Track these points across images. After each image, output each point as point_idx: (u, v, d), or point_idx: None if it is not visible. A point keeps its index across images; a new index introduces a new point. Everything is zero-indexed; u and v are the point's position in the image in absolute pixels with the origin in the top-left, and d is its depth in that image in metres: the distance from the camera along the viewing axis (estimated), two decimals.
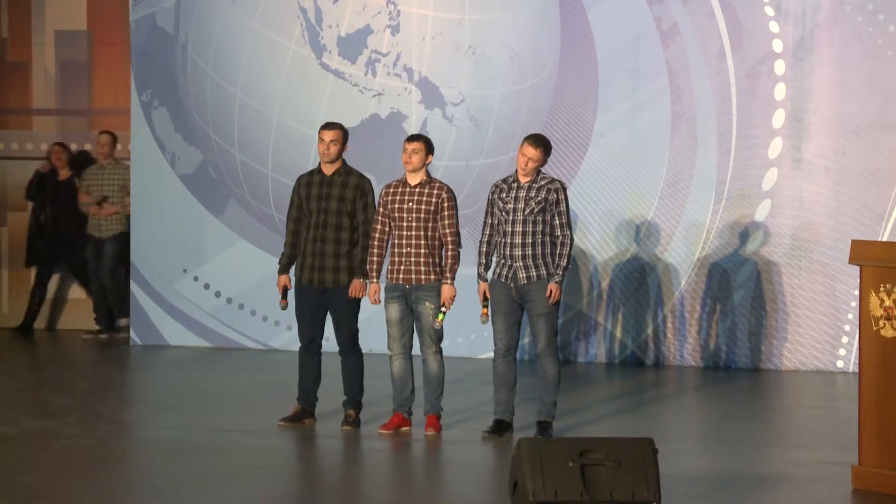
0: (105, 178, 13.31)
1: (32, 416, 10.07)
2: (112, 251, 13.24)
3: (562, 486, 7.02)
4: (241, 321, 13.15)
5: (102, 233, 13.27)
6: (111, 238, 13.26)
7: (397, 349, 9.44)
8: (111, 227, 13.30)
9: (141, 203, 13.31)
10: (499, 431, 9.31)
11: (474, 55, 12.64)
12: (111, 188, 13.27)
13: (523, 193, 9.25)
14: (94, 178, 13.31)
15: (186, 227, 13.24)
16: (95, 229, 13.30)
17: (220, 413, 10.36)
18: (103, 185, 13.27)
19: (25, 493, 7.79)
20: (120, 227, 13.31)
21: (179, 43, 13.18)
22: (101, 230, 13.28)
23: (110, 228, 13.29)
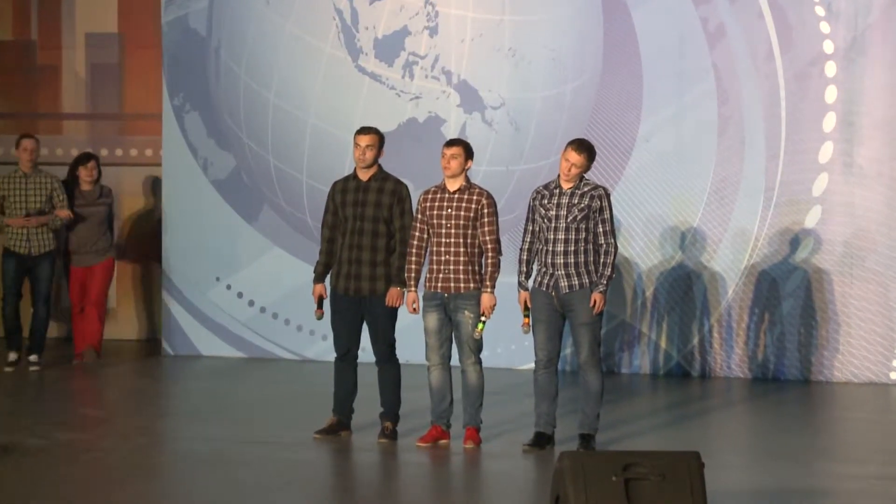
0: (30, 189, 11.81)
1: (64, 429, 10.13)
2: (47, 272, 11.89)
3: (605, 501, 7.03)
4: (275, 331, 13.20)
5: (32, 249, 11.81)
6: (43, 255, 11.87)
7: (436, 359, 9.45)
8: (42, 242, 11.84)
9: (172, 209, 13.36)
10: (540, 444, 9.32)
11: (514, 57, 12.66)
12: (37, 199, 11.80)
13: (566, 200, 9.26)
14: (15, 188, 11.80)
15: (219, 234, 13.29)
16: (21, 245, 11.81)
17: (254, 425, 10.40)
18: (28, 196, 11.79)
19: None
20: (51, 244, 11.92)
21: (212, 46, 13.23)
22: (31, 246, 11.81)
23: (42, 244, 11.84)
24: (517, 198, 11.71)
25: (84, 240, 11.90)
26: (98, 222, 11.94)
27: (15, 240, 11.71)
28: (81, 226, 11.74)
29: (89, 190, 11.72)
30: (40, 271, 11.76)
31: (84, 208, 11.78)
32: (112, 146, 13.99)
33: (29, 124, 13.97)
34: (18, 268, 11.74)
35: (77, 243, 11.86)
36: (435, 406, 9.51)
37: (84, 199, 11.71)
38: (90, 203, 11.79)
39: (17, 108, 14.26)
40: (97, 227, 11.92)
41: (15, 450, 9.24)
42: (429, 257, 9.48)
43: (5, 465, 8.85)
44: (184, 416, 10.86)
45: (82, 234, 11.80)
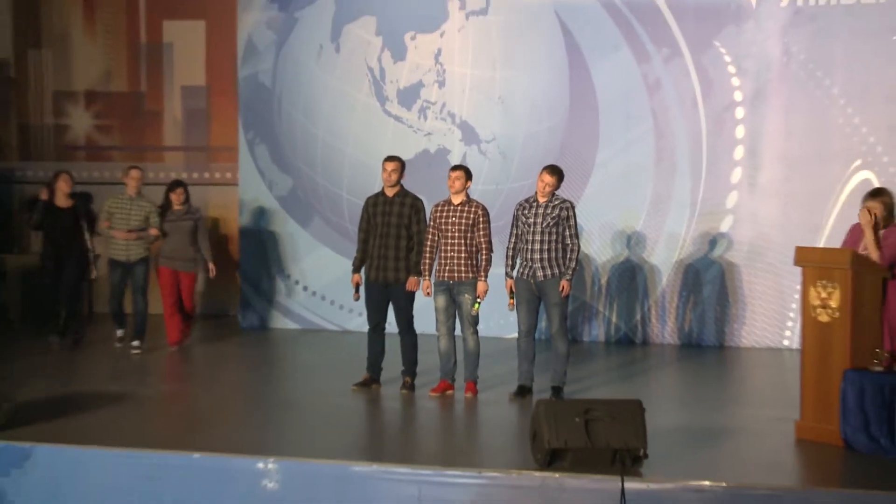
0: (133, 210, 11.33)
1: (163, 381, 10.17)
2: (143, 274, 11.36)
3: (570, 436, 7.05)
4: (323, 309, 13.21)
5: (130, 257, 11.32)
6: (138, 261, 11.36)
7: (443, 330, 9.46)
8: (138, 252, 11.36)
9: (246, 218, 13.38)
10: (522, 394, 9.34)
11: (503, 103, 12.66)
12: (138, 219, 11.33)
13: (541, 211, 9.27)
14: (120, 208, 11.35)
15: (281, 236, 13.31)
16: (121, 254, 11.35)
17: (307, 380, 10.41)
18: (130, 216, 11.32)
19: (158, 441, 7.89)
20: (145, 253, 11.42)
21: (276, 95, 13.25)
22: (130, 254, 11.32)
23: (137, 253, 11.36)
24: (505, 209, 11.73)
25: (174, 248, 11.36)
26: (185, 234, 11.35)
27: (117, 249, 11.32)
28: (172, 237, 11.37)
29: (179, 210, 11.39)
30: (137, 273, 11.32)
31: (173, 223, 11.34)
32: (201, 171, 14.02)
33: (138, 155, 14.04)
34: (122, 277, 11.32)
35: (168, 249, 11.38)
36: (443, 365, 9.53)
37: (174, 216, 11.38)
38: (178, 219, 11.37)
39: (130, 142, 14.28)
40: (184, 237, 11.34)
41: (130, 396, 9.29)
42: (438, 254, 9.50)
43: (124, 407, 8.90)
44: (254, 373, 10.86)
45: (173, 243, 11.38)
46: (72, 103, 14.42)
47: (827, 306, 7.83)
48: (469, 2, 12.70)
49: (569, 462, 7.03)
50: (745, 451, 7.81)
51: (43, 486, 7.47)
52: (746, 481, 6.89)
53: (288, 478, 7.17)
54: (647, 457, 7.08)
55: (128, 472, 7.37)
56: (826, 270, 7.85)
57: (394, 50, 12.83)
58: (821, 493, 6.76)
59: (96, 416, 8.55)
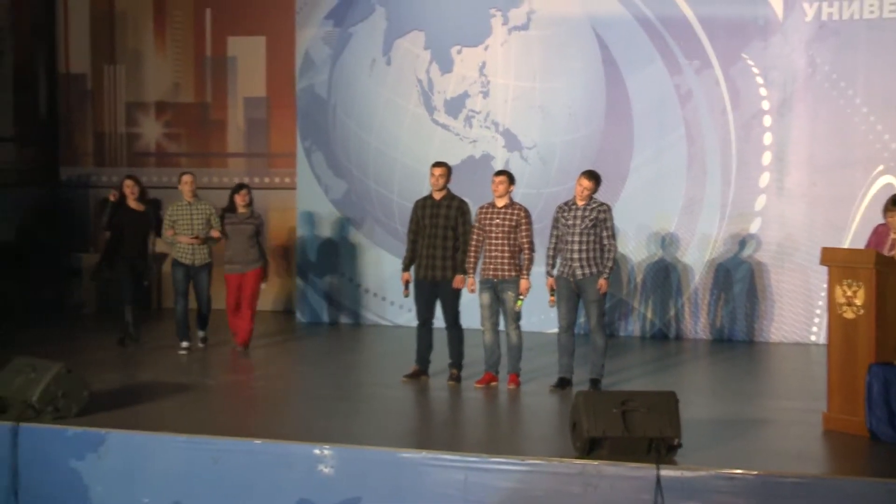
0: (194, 214, 10.90)
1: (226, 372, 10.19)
2: (206, 278, 10.95)
3: (608, 426, 7.00)
4: (375, 305, 13.19)
5: (195, 261, 10.90)
6: (203, 266, 10.95)
7: (488, 325, 9.43)
8: (202, 256, 10.94)
9: (304, 220, 13.39)
10: (562, 386, 9.30)
11: (543, 112, 12.61)
12: (200, 222, 10.91)
13: (580, 213, 9.23)
14: (182, 215, 10.91)
15: (336, 237, 13.32)
16: (187, 258, 10.91)
17: (359, 371, 10.41)
18: (193, 221, 10.89)
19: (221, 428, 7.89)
20: (208, 257, 10.99)
21: (331, 105, 13.25)
22: (195, 259, 10.91)
23: (201, 258, 10.94)
24: (546, 212, 11.64)
25: (236, 251, 10.90)
26: (247, 237, 10.89)
27: (182, 253, 10.86)
28: (233, 240, 10.89)
29: (243, 212, 10.90)
30: (201, 277, 10.92)
31: (235, 226, 10.87)
32: (262, 176, 14.05)
33: (203, 161, 14.12)
34: (185, 276, 10.88)
35: (231, 254, 10.93)
36: (487, 358, 9.49)
37: (237, 219, 10.89)
38: (241, 222, 10.88)
39: (196, 149, 14.34)
40: (246, 241, 10.88)
41: (196, 387, 9.32)
42: (483, 253, 9.46)
43: (190, 396, 8.92)
44: (310, 365, 10.88)
45: (234, 246, 10.89)
46: (143, 113, 14.50)
47: (852, 304, 7.73)
48: (511, 18, 12.65)
49: (607, 450, 6.98)
50: (775, 441, 7.72)
51: (115, 469, 7.52)
52: (776, 469, 6.82)
53: (342, 463, 7.18)
54: (682, 446, 7.01)
55: (193, 457, 7.40)
56: (851, 270, 7.75)
57: (441, 63, 12.80)
58: (848, 482, 6.69)
59: (164, 405, 8.59)
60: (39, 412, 7.82)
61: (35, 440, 7.63)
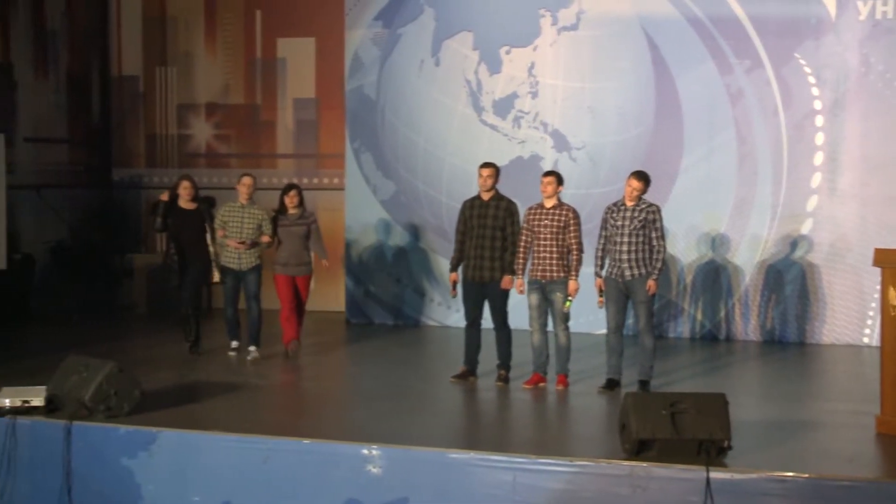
0: (245, 218, 10.63)
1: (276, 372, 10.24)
2: (255, 281, 10.65)
3: (657, 427, 6.96)
4: (422, 305, 13.21)
5: (242, 266, 10.64)
6: (251, 269, 10.66)
7: (536, 326, 9.41)
8: (250, 260, 10.67)
9: (353, 220, 13.44)
10: (611, 387, 9.26)
11: (592, 112, 12.56)
12: (251, 227, 10.63)
13: (629, 214, 9.19)
14: (233, 217, 10.66)
15: (384, 237, 13.35)
16: (233, 262, 10.66)
17: (410, 371, 10.41)
18: (243, 225, 10.63)
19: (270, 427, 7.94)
20: (257, 261, 10.72)
21: (380, 106, 13.29)
22: (241, 263, 10.64)
23: (249, 262, 10.67)
24: (594, 212, 11.61)
25: (289, 253, 10.63)
26: (298, 239, 10.63)
27: (229, 257, 10.64)
28: (285, 242, 10.61)
29: (294, 213, 10.62)
30: (249, 281, 10.63)
31: (287, 228, 10.62)
32: (311, 176, 14.11)
33: (253, 162, 14.21)
34: (234, 281, 10.65)
35: (284, 256, 10.65)
36: (536, 359, 9.47)
37: (288, 221, 10.63)
38: (292, 224, 10.62)
39: (246, 150, 14.44)
40: (298, 242, 10.63)
41: (246, 386, 9.37)
42: (531, 254, 9.45)
43: (240, 396, 8.97)
44: (359, 365, 10.90)
45: (287, 248, 10.62)
46: (194, 115, 14.63)
47: None
48: (561, 18, 12.62)
49: (656, 452, 6.94)
50: (826, 444, 7.64)
51: (167, 467, 7.59)
52: (828, 472, 6.75)
53: (390, 463, 7.19)
54: (732, 448, 6.96)
55: (243, 456, 7.45)
56: None
57: (490, 63, 12.80)
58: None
59: (215, 404, 8.65)
60: (92, 411, 7.92)
61: (88, 439, 7.72)
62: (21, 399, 8.03)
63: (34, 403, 8.03)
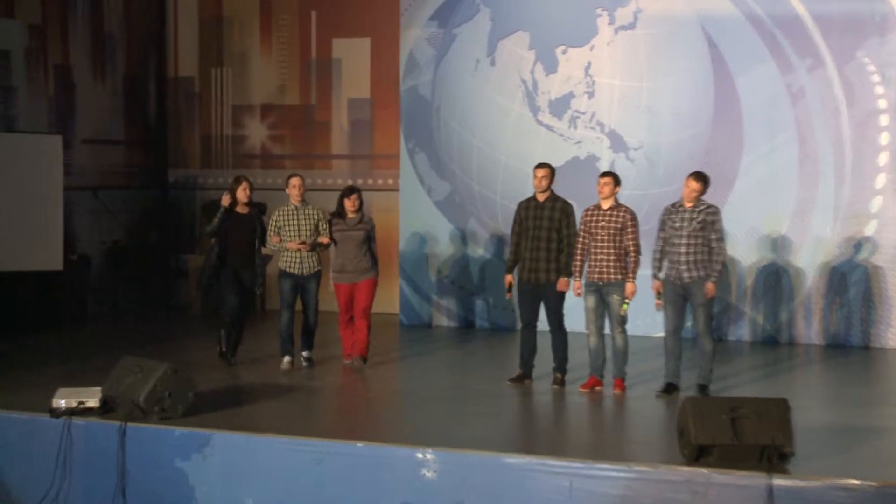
0: (301, 220, 10.18)
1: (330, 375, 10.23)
2: (314, 289, 10.19)
3: (717, 433, 6.87)
4: (478, 307, 13.16)
5: (304, 270, 10.15)
6: (312, 275, 10.18)
7: (593, 329, 9.34)
8: (311, 264, 10.18)
9: (407, 221, 13.43)
10: (669, 391, 9.17)
11: (649, 112, 12.45)
12: (307, 228, 10.18)
13: (687, 215, 9.11)
14: (288, 220, 10.20)
15: (439, 238, 13.32)
16: (295, 267, 10.17)
17: (463, 375, 10.37)
18: (300, 227, 10.17)
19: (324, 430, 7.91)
20: (318, 266, 10.23)
21: (435, 106, 13.27)
22: (304, 268, 10.16)
23: (311, 266, 10.18)
24: (651, 214, 11.48)
25: (346, 259, 10.19)
26: (357, 243, 10.16)
27: (290, 262, 10.13)
28: (343, 247, 10.17)
29: (353, 217, 10.15)
30: (309, 288, 10.14)
31: (344, 232, 10.15)
32: (365, 177, 14.12)
33: (307, 163, 14.25)
34: (292, 287, 10.15)
35: (341, 263, 10.22)
36: (592, 362, 9.41)
37: (345, 225, 10.14)
38: (350, 228, 10.14)
39: (300, 150, 14.49)
40: (357, 247, 10.16)
41: (299, 389, 9.37)
42: (588, 256, 9.37)
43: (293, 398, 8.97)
44: (414, 368, 10.87)
45: (344, 254, 10.19)
46: (249, 116, 14.69)
47: None
48: (618, 17, 12.51)
49: (715, 458, 6.84)
50: (894, 450, 7.47)
51: (220, 469, 7.61)
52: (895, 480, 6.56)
53: (445, 467, 7.15)
54: (794, 454, 6.84)
55: (296, 459, 7.45)
56: None
57: (546, 63, 12.72)
58: None
59: (268, 406, 8.66)
60: (146, 412, 7.94)
61: (142, 440, 7.76)
62: (77, 400, 8.08)
63: (89, 404, 8.08)
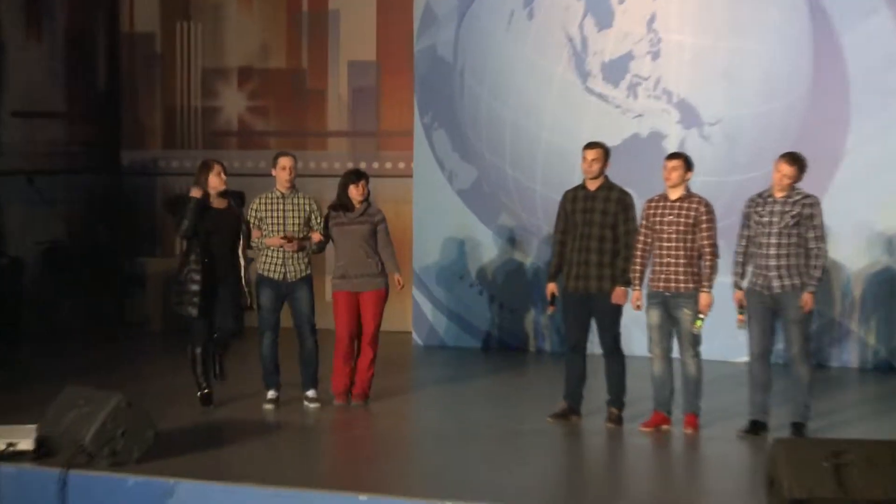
0: (288, 210, 9.95)
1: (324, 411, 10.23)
2: (307, 299, 9.96)
3: (816, 485, 6.86)
4: (511, 324, 13.19)
5: (288, 275, 9.92)
6: (299, 280, 9.96)
7: (658, 352, 9.35)
8: (298, 267, 9.96)
9: (422, 216, 13.48)
10: (754, 431, 9.17)
11: (729, 78, 12.45)
12: (297, 222, 9.97)
13: (778, 208, 9.12)
14: (271, 210, 9.96)
15: (462, 237, 13.36)
16: (276, 270, 9.92)
17: (493, 409, 10.39)
18: (286, 219, 9.94)
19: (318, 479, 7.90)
20: (307, 270, 10.02)
21: (458, 69, 13.30)
22: (287, 271, 9.93)
23: (297, 270, 9.96)
24: (731, 206, 11.46)
25: (349, 261, 9.97)
26: (360, 240, 9.95)
27: (270, 265, 9.91)
28: (343, 246, 9.96)
29: (357, 209, 9.92)
30: (299, 299, 9.92)
31: (343, 227, 9.96)
32: (370, 160, 14.16)
33: (298, 142, 14.26)
34: (274, 297, 9.92)
35: (341, 266, 10.00)
36: (657, 394, 9.42)
37: (345, 218, 9.94)
38: (351, 222, 9.96)
39: (289, 126, 14.55)
40: (360, 246, 9.94)
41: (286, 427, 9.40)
42: (652, 259, 9.41)
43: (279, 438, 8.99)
44: (430, 399, 10.90)
45: (346, 255, 9.95)
46: (223, 82, 14.76)
47: None
48: None
49: None
50: None
51: None
52: None
53: None
54: None
55: None
56: None
57: (598, 15, 12.76)
58: None
59: (246, 449, 8.70)
60: (93, 456, 7.97)
61: (88, 490, 7.78)
62: (5, 441, 8.11)
63: (21, 447, 8.11)
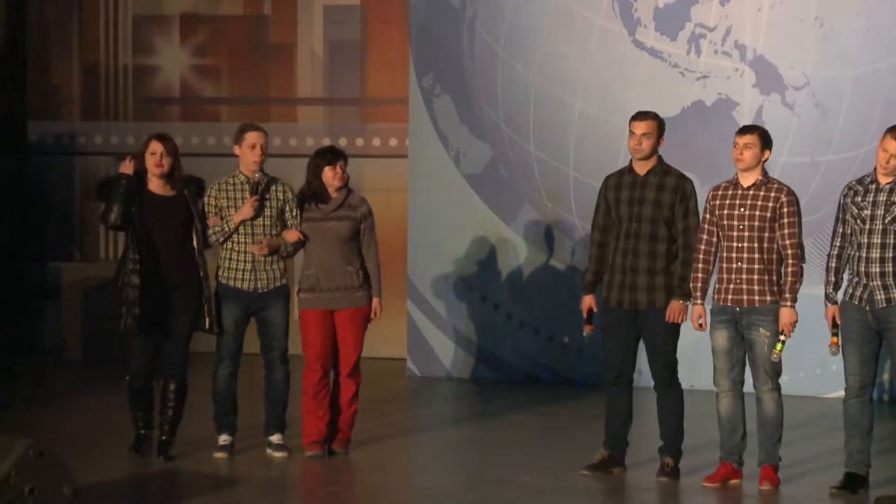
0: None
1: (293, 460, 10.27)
2: (280, 316, 9.91)
3: None
4: (536, 349, 13.22)
5: (259, 285, 9.89)
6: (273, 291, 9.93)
7: (726, 385, 9.33)
8: (272, 275, 9.91)
9: (420, 207, 13.50)
10: (851, 487, 9.12)
11: (822, 28, 12.46)
12: (266, 216, 9.90)
13: (884, 197, 9.07)
14: (233, 199, 9.93)
15: (473, 236, 13.37)
16: (244, 280, 9.88)
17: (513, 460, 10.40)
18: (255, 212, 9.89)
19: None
20: (283, 280, 9.98)
21: (466, 19, 13.32)
22: (258, 281, 9.88)
23: (270, 278, 9.92)
24: (824, 195, 11.51)
25: (323, 268, 9.96)
26: (338, 242, 9.91)
27: (236, 271, 9.91)
28: (316, 247, 9.94)
29: (334, 199, 9.90)
30: (271, 315, 9.89)
31: (318, 223, 9.93)
32: (352, 135, 14.18)
33: (258, 111, 14.23)
34: (241, 313, 9.90)
35: (312, 275, 10.00)
36: (724, 440, 9.40)
37: (319, 212, 9.92)
38: (326, 217, 9.92)
39: (247, 92, 14.57)
40: (338, 248, 9.91)
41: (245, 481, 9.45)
42: (718, 265, 9.39)
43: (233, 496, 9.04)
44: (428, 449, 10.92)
45: (319, 259, 9.93)
46: (161, 34, 14.80)
47: None
48: None
49: None
50: None
51: None
52: None
53: None
54: None
55: None
56: None
57: None
58: None
59: None
60: None
61: None
62: None
63: None
